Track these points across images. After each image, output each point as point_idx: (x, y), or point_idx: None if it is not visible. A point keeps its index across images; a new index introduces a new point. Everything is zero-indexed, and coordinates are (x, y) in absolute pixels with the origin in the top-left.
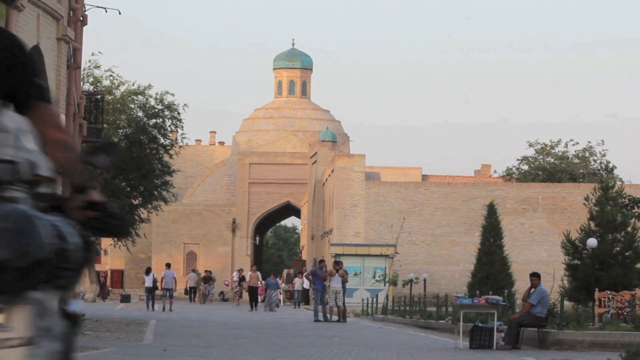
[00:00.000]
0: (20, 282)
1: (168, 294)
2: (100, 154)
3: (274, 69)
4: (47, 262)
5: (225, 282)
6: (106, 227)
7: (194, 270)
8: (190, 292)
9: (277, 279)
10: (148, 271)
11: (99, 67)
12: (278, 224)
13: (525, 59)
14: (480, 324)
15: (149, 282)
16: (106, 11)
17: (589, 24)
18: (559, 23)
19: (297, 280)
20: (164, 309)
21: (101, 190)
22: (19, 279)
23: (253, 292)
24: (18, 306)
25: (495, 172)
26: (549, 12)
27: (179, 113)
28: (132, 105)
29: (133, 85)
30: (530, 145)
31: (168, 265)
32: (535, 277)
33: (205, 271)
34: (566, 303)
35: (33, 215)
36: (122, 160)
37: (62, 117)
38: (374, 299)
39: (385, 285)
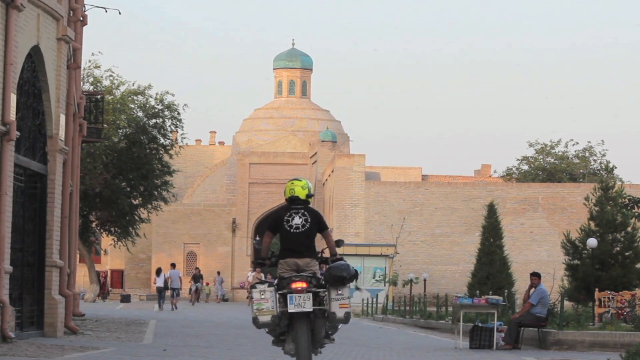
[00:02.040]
0: (348, 281)
1: (174, 293)
2: (338, 243)
3: (274, 69)
4: (352, 277)
5: (242, 284)
6: (339, 275)
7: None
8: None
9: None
10: (159, 272)
11: (99, 67)
12: None
13: (525, 59)
14: (480, 324)
15: (160, 283)
16: (106, 11)
17: (589, 24)
18: (560, 23)
19: None
20: (172, 308)
21: (103, 190)
22: (348, 280)
23: None
24: (344, 287)
25: (495, 172)
26: (550, 13)
27: (179, 113)
28: (132, 105)
29: (133, 85)
30: (530, 145)
31: (173, 265)
32: (535, 276)
33: (195, 269)
34: (566, 303)
35: (347, 263)
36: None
37: (62, 117)
38: (374, 299)
39: (385, 285)
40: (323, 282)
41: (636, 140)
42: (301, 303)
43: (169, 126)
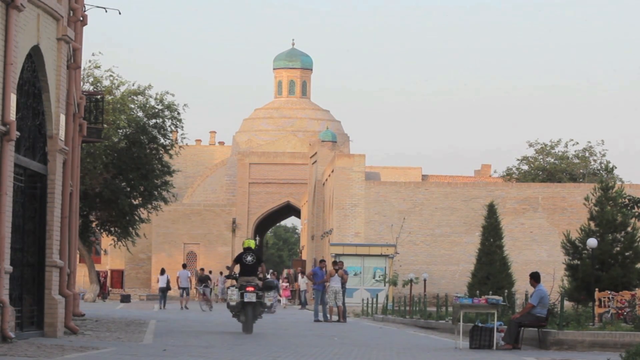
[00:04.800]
0: (273, 289)
1: (184, 293)
2: (267, 270)
3: (274, 69)
4: (275, 286)
5: None
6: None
7: (210, 272)
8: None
9: (276, 279)
10: (163, 272)
11: (99, 67)
12: (278, 224)
13: (525, 58)
14: (480, 324)
15: (162, 282)
16: (106, 11)
17: (589, 24)
18: (559, 24)
19: (301, 281)
20: (181, 308)
21: (103, 190)
22: (273, 289)
23: None
24: (271, 291)
25: (495, 172)
26: (551, 12)
27: (179, 113)
28: (132, 105)
29: (133, 85)
30: (530, 145)
31: (184, 266)
32: (532, 278)
33: (201, 269)
34: (566, 303)
35: (272, 280)
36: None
37: (62, 117)
38: (374, 299)
39: (385, 285)
40: (261, 288)
41: (636, 140)
42: (250, 297)
43: (169, 126)
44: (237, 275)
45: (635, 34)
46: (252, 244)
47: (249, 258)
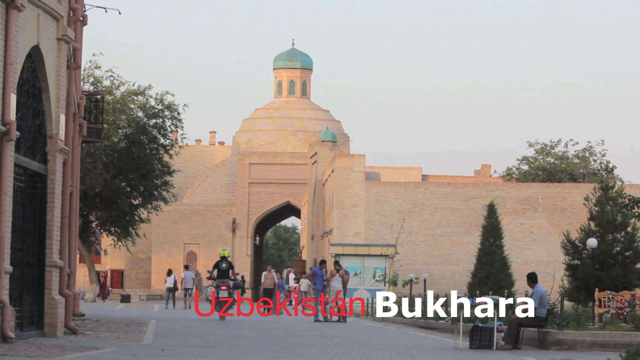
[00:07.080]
0: (240, 288)
1: (188, 293)
2: (237, 276)
3: (274, 69)
4: (242, 286)
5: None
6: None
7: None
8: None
9: (282, 279)
10: (170, 272)
11: (99, 67)
12: (278, 224)
13: (525, 58)
14: (480, 324)
15: (170, 283)
16: (106, 11)
17: (588, 25)
18: (559, 24)
19: (302, 281)
20: (185, 307)
21: (103, 190)
22: (240, 288)
23: (269, 294)
24: (239, 289)
25: (495, 172)
26: (551, 13)
27: (179, 113)
28: (132, 106)
29: (133, 85)
30: (530, 145)
31: (186, 267)
32: (528, 279)
33: None
34: (566, 303)
35: (240, 281)
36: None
37: (62, 117)
38: (374, 299)
39: (385, 285)
40: (231, 287)
41: (636, 140)
42: (224, 294)
43: (169, 126)
44: (215, 277)
45: (635, 34)
46: (226, 253)
47: (224, 265)
